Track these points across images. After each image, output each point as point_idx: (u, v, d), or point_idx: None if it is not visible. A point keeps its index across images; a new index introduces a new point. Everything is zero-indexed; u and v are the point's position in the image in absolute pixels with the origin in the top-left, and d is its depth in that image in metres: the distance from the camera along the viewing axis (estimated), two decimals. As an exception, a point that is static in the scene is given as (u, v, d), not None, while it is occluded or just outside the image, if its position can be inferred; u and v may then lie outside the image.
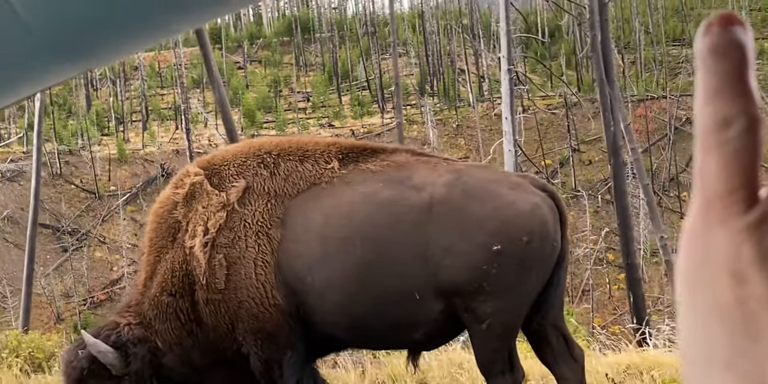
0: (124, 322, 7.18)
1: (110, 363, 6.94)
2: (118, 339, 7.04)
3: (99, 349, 6.92)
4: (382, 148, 7.44)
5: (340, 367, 9.56)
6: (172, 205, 7.29)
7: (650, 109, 50.60)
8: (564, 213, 7.06)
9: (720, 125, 0.57)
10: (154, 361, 7.09)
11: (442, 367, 9.67)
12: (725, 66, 0.58)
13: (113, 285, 40.81)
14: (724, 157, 0.56)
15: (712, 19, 0.59)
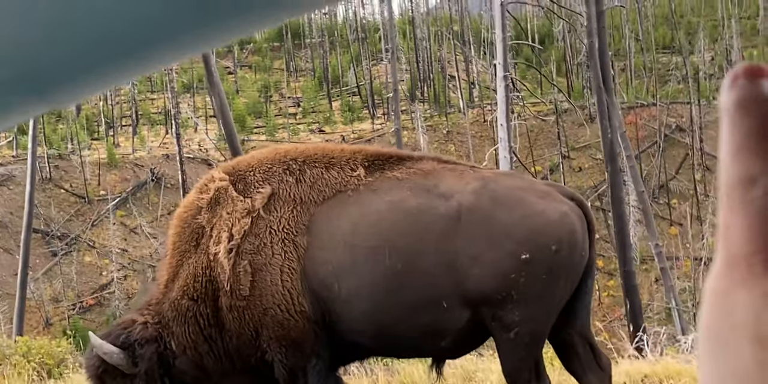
0: (141, 321, 7.17)
1: (117, 363, 6.94)
2: (126, 339, 7.02)
3: (104, 350, 6.92)
4: (408, 156, 7.43)
5: (351, 375, 9.54)
6: (197, 210, 7.27)
7: (640, 116, 50.84)
8: (592, 222, 7.06)
9: (745, 183, 0.56)
10: (164, 362, 7.07)
11: (456, 375, 9.65)
12: (750, 122, 0.57)
13: (102, 290, 40.61)
14: (749, 217, 0.55)
15: (738, 70, 0.58)
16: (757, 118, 0.57)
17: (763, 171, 0.56)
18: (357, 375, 9.79)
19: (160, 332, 7.10)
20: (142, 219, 42.78)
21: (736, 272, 0.56)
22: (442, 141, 52.76)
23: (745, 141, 0.57)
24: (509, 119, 22.38)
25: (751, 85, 0.58)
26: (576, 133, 51.45)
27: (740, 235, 0.55)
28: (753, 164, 0.56)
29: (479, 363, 10.16)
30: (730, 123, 0.58)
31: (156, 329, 7.10)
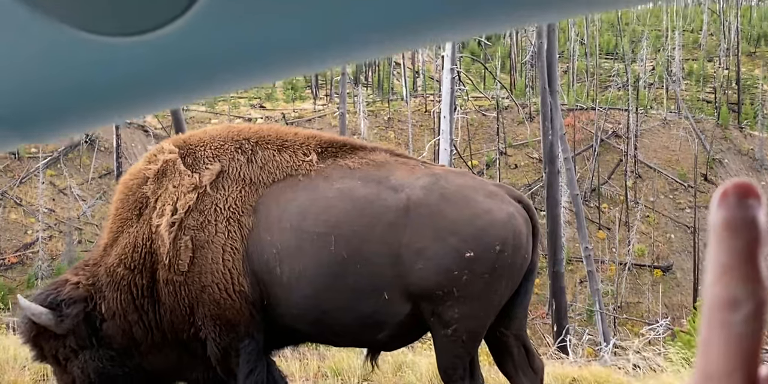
0: (74, 281, 7.09)
1: (45, 324, 6.88)
2: (54, 299, 6.94)
3: (32, 311, 6.85)
4: (361, 146, 7.44)
5: (280, 357, 9.55)
6: (143, 179, 7.20)
7: (578, 119, 51.42)
8: (537, 225, 7.16)
9: (727, 306, 0.56)
10: (91, 323, 7.01)
11: (387, 365, 9.71)
12: (737, 243, 0.57)
13: (26, 248, 39.89)
14: (727, 339, 0.56)
15: (728, 186, 0.58)
16: (745, 241, 0.57)
17: (746, 296, 0.56)
18: (289, 358, 9.80)
19: (92, 293, 7.03)
20: (72, 180, 42.08)
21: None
22: (383, 127, 52.78)
23: (730, 262, 0.57)
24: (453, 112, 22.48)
25: (741, 205, 0.57)
26: (515, 130, 51.89)
27: (717, 354, 0.56)
28: (737, 287, 0.56)
29: (410, 354, 10.25)
30: (717, 242, 0.58)
31: (87, 290, 7.03)
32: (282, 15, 0.65)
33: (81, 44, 0.66)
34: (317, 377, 9.46)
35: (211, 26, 0.65)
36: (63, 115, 0.76)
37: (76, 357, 7.10)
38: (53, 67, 0.69)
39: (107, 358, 7.09)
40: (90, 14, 0.64)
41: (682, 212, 47.15)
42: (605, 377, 9.08)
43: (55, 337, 7.01)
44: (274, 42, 0.68)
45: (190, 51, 0.68)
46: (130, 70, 0.69)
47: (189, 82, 0.73)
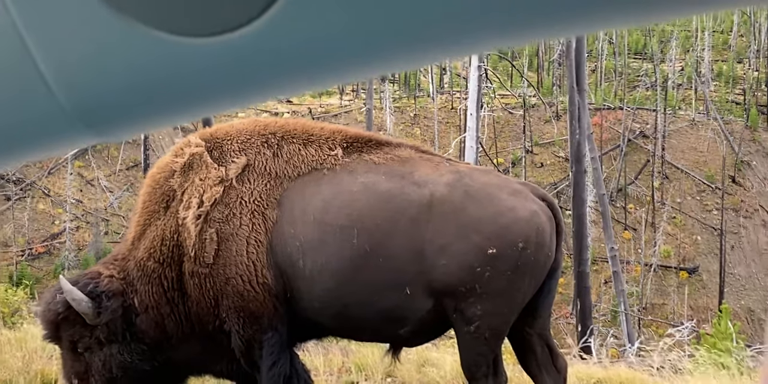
0: (107, 274, 7.17)
1: (83, 312, 6.94)
2: (94, 289, 7.01)
3: (74, 296, 6.91)
4: (387, 141, 7.46)
5: (306, 351, 9.57)
6: (170, 172, 7.26)
7: (606, 118, 51.16)
8: (561, 224, 7.14)
9: None
10: (126, 317, 7.08)
11: (411, 362, 9.72)
12: None
13: (53, 239, 40.20)
14: None
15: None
16: None
17: None
18: (314, 353, 9.82)
19: (125, 288, 7.12)
20: (99, 172, 42.35)
21: None
22: (409, 124, 52.76)
23: None
24: (479, 109, 22.44)
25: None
26: (541, 129, 51.72)
27: None
28: None
29: (434, 351, 10.24)
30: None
31: (121, 284, 7.12)
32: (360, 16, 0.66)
33: (158, 44, 0.68)
34: (341, 372, 9.49)
35: (288, 28, 0.67)
36: (137, 114, 0.77)
37: (101, 349, 7.14)
38: (130, 66, 0.71)
39: (138, 353, 7.15)
40: (170, 15, 0.66)
41: (710, 214, 46.84)
42: (630, 379, 9.04)
43: (83, 326, 7.07)
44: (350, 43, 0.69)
45: (265, 53, 0.69)
46: (204, 70, 0.71)
47: (260, 84, 0.74)
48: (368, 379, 9.23)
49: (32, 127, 0.78)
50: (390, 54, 0.71)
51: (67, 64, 0.72)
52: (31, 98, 0.74)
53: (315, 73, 0.73)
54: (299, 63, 0.71)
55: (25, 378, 8.50)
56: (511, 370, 7.91)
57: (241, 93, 0.76)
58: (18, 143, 0.81)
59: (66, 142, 0.81)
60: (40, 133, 0.79)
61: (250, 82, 0.74)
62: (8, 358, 9.24)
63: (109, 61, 0.71)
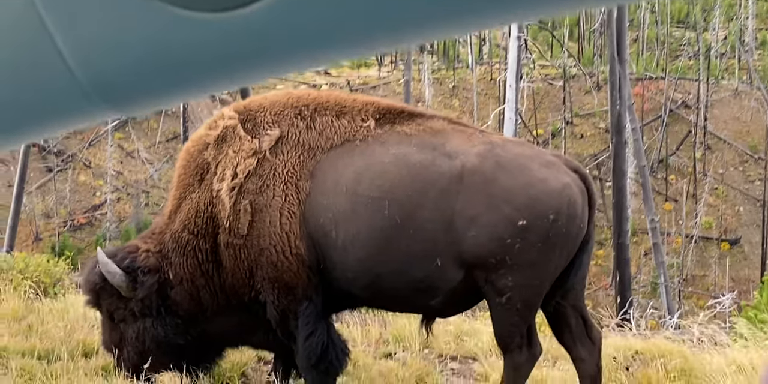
0: (144, 248, 7.32)
1: (117, 285, 7.09)
2: (131, 264, 7.17)
3: (109, 269, 7.07)
4: (419, 113, 7.45)
5: (343, 323, 9.63)
6: (204, 145, 7.33)
7: (647, 88, 50.55)
8: (594, 196, 7.10)
9: None
10: (161, 292, 7.20)
11: (448, 333, 9.74)
12: None
13: (94, 210, 40.66)
14: None
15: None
16: None
17: None
18: (351, 325, 9.87)
19: (161, 262, 7.22)
20: (139, 143, 42.69)
21: None
22: (447, 95, 52.51)
23: None
24: (518, 80, 22.29)
25: None
26: (581, 100, 51.24)
27: None
28: None
29: (471, 323, 10.25)
30: None
31: (157, 258, 7.23)
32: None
33: (173, 20, 0.70)
34: (378, 344, 9.54)
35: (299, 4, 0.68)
36: (154, 89, 0.79)
37: (134, 322, 7.27)
38: (146, 42, 0.72)
39: (172, 326, 7.27)
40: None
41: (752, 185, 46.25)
42: (669, 350, 8.97)
43: (119, 297, 7.22)
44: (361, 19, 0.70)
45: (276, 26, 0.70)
46: (218, 44, 0.72)
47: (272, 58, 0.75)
48: (406, 350, 9.27)
49: (52, 102, 0.79)
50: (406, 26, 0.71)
51: (84, 42, 0.73)
52: (50, 75, 0.76)
53: (328, 47, 0.74)
54: (311, 36, 0.72)
55: (67, 347, 8.63)
56: (548, 341, 7.90)
57: (255, 67, 0.77)
58: (38, 119, 0.84)
59: (85, 117, 0.84)
60: (59, 108, 0.80)
61: (263, 56, 0.75)
62: (50, 328, 9.39)
63: (126, 38, 0.72)
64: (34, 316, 9.89)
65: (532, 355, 7.04)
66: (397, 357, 9.17)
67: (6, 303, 10.26)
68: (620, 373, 8.46)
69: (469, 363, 9.27)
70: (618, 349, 9.05)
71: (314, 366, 7.17)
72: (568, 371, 7.75)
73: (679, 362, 8.44)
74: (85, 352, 8.71)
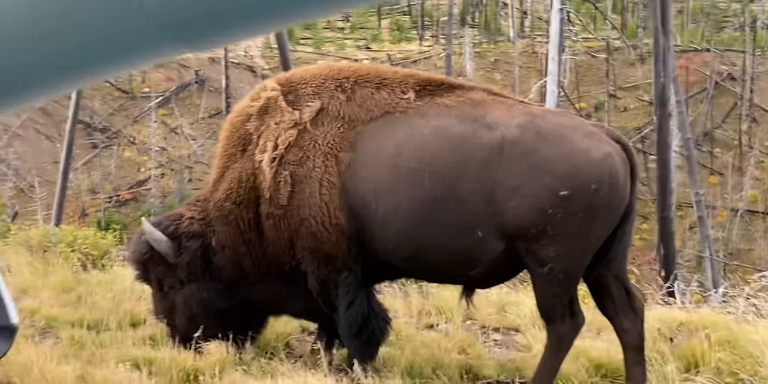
0: (188, 216, 7.49)
1: (164, 252, 7.27)
2: (175, 230, 7.36)
3: (155, 237, 7.27)
4: (459, 85, 7.45)
5: (385, 294, 9.68)
6: (246, 116, 7.43)
7: (692, 61, 49.85)
8: (636, 167, 7.05)
9: None
10: (206, 257, 7.36)
11: (491, 304, 9.75)
12: None
13: (139, 186, 41.05)
14: None
15: None
16: None
17: None
18: (393, 296, 9.92)
19: (204, 228, 7.36)
20: (183, 120, 42.95)
21: None
22: (489, 69, 52.17)
23: None
24: (561, 53, 22.10)
25: None
26: (625, 72, 50.65)
27: None
28: None
29: (514, 295, 10.24)
30: None
31: (201, 225, 7.38)
32: None
33: None
34: (421, 315, 9.57)
35: None
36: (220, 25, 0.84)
37: (182, 287, 7.45)
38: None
39: (215, 291, 7.43)
40: None
41: (799, 158, 45.59)
42: (714, 322, 8.90)
43: (166, 265, 7.40)
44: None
45: None
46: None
47: None
48: (448, 322, 9.30)
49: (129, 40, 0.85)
50: None
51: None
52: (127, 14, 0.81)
53: None
54: None
55: (115, 317, 8.80)
56: (592, 312, 7.90)
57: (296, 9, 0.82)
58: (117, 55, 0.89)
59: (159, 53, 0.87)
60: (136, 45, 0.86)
61: None
62: (99, 299, 9.56)
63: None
64: (82, 288, 10.09)
65: (575, 325, 7.04)
66: (439, 328, 9.21)
67: (55, 275, 10.46)
68: (664, 344, 8.42)
69: (512, 334, 9.29)
70: (662, 321, 9.00)
71: (356, 335, 7.24)
72: (612, 342, 7.73)
73: (724, 334, 8.37)
74: (133, 322, 8.87)
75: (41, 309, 9.08)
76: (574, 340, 7.16)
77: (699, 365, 7.81)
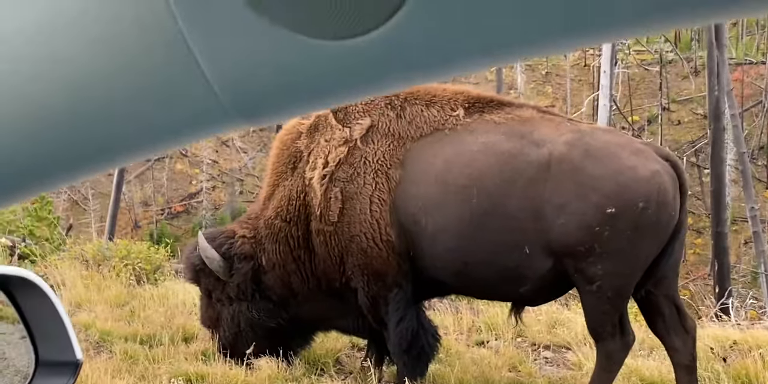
0: (240, 234, 7.53)
1: (215, 270, 7.37)
2: (228, 250, 7.44)
3: (207, 254, 7.35)
4: (509, 102, 7.48)
5: (435, 311, 9.66)
6: (296, 134, 7.49)
7: (747, 73, 49.18)
8: (685, 184, 7.00)
9: None
10: (255, 278, 7.42)
11: (541, 322, 9.68)
12: None
13: (191, 198, 41.44)
14: None
15: None
16: None
17: None
18: (443, 312, 9.89)
19: (255, 248, 7.42)
20: (234, 133, 43.33)
21: None
22: (540, 82, 51.94)
23: None
24: (613, 66, 21.97)
25: None
26: (679, 85, 50.13)
27: None
28: None
29: (565, 312, 10.17)
30: None
31: (252, 245, 7.43)
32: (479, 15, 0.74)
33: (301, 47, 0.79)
34: (471, 332, 9.54)
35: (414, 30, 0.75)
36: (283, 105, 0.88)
37: (230, 304, 7.52)
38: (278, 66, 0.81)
39: (265, 310, 7.50)
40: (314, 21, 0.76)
41: None
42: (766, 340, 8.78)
43: (216, 279, 7.51)
44: (470, 42, 0.77)
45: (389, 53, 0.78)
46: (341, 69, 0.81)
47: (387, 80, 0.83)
48: (498, 339, 9.26)
49: (197, 119, 0.90)
50: (506, 49, 0.78)
51: (228, 71, 0.83)
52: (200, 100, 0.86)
53: (437, 68, 0.81)
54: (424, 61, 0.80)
55: (167, 332, 8.87)
56: (644, 331, 7.81)
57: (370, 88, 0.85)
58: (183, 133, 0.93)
59: (221, 129, 0.93)
60: (202, 124, 0.91)
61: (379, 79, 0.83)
62: (152, 314, 9.65)
63: (260, 63, 0.82)
64: (135, 302, 10.19)
65: (625, 343, 6.97)
66: (489, 345, 9.17)
67: (109, 289, 10.57)
68: (717, 363, 8.30)
69: (563, 352, 9.21)
70: (715, 340, 8.88)
71: (406, 351, 7.24)
72: (664, 361, 7.65)
73: (779, 353, 8.25)
74: (185, 337, 8.94)
75: (95, 323, 9.18)
76: (624, 358, 7.10)
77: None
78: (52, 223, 14.43)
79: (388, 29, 0.75)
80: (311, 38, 0.78)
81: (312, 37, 0.78)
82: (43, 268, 11.23)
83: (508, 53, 0.79)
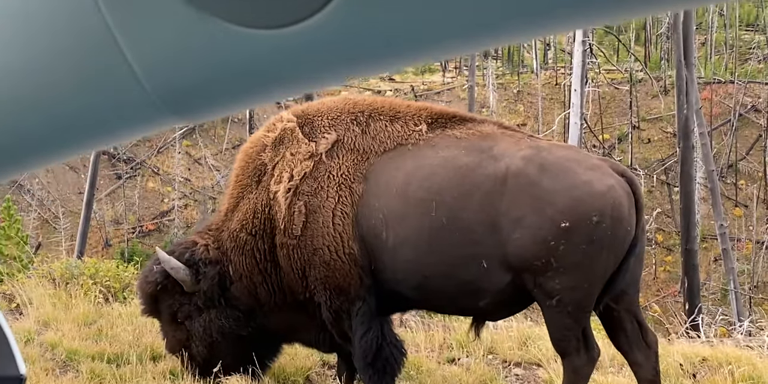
0: (202, 243, 7.51)
1: (182, 279, 7.30)
2: (191, 257, 7.41)
3: (172, 265, 7.30)
4: (471, 118, 7.57)
5: (407, 328, 9.64)
6: (262, 147, 7.52)
7: (716, 93, 49.70)
8: (641, 200, 7.06)
9: None
10: (223, 284, 7.39)
11: (512, 339, 9.68)
12: None
13: (163, 216, 41.28)
14: None
15: None
16: None
17: None
18: (415, 329, 9.87)
19: (220, 256, 7.41)
20: (206, 150, 43.24)
21: None
22: (512, 100, 52.23)
23: None
24: (584, 85, 22.13)
25: None
26: (648, 104, 50.56)
27: None
28: None
29: (536, 328, 10.18)
30: None
31: (217, 253, 7.41)
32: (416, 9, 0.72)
33: (232, 36, 0.77)
34: (442, 348, 9.52)
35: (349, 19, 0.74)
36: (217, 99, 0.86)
37: (200, 315, 7.48)
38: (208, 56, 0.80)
39: (234, 318, 7.49)
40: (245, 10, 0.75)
41: (825, 190, 45.16)
42: (737, 357, 8.82)
43: (181, 294, 7.44)
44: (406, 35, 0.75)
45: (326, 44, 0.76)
46: (275, 59, 0.79)
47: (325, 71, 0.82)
48: (469, 356, 9.25)
49: (122, 112, 0.88)
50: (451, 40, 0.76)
51: (154, 60, 0.81)
52: (124, 90, 0.84)
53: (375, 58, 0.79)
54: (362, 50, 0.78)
55: (135, 351, 8.79)
56: (613, 348, 7.81)
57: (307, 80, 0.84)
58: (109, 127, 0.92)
59: (152, 125, 0.92)
60: (129, 117, 0.89)
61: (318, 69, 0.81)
62: (120, 332, 9.57)
63: (188, 52, 0.80)
64: (103, 321, 10.08)
65: (591, 357, 7.00)
66: (460, 362, 9.16)
67: (77, 308, 10.46)
68: (687, 380, 8.34)
69: (534, 369, 9.22)
70: (685, 356, 8.92)
71: (371, 364, 7.24)
72: (633, 378, 7.66)
73: (747, 369, 8.29)
74: (153, 355, 8.86)
75: (62, 342, 9.09)
76: (590, 373, 7.12)
77: (722, 402, 7.72)
78: (20, 242, 14.30)
79: (323, 17, 0.73)
80: (242, 28, 0.76)
81: (243, 27, 0.76)
82: (11, 287, 11.10)
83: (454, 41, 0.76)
